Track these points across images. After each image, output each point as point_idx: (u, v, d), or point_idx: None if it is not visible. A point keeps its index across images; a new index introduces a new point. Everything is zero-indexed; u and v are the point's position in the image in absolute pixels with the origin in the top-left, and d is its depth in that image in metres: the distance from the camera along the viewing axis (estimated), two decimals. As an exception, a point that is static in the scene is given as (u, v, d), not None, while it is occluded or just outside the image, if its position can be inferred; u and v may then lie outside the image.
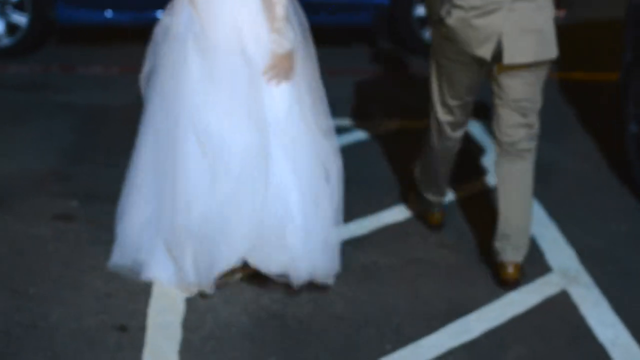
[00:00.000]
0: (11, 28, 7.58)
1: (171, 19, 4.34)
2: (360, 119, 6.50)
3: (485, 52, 4.16)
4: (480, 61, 4.24)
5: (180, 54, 4.26)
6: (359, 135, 6.21)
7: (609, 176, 5.74)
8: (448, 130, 4.64)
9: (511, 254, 4.44)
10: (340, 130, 6.21)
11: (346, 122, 6.41)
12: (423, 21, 7.85)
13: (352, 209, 5.10)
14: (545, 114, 6.67)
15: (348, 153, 5.85)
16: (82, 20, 7.65)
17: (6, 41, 7.56)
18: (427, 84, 4.70)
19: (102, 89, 6.89)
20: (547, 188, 5.51)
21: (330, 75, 7.41)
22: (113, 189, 5.22)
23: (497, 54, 4.16)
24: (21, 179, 5.41)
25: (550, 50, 4.21)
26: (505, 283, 4.46)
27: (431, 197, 4.96)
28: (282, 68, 4.25)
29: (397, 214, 5.13)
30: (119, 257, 4.48)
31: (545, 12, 4.17)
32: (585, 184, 5.66)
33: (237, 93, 4.22)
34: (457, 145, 4.73)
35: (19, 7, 7.52)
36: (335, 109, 6.60)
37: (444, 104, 4.60)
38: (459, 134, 4.68)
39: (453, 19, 4.18)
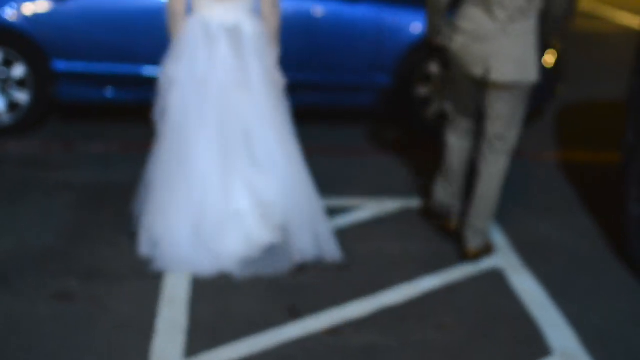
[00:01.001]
0: (12, 105, 7.62)
1: (174, 67, 5.24)
2: (362, 198, 6.51)
3: (477, 71, 5.24)
4: (474, 79, 5.32)
5: (182, 97, 5.21)
6: (361, 215, 6.21)
7: (609, 255, 5.74)
8: (456, 133, 5.74)
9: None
10: (341, 210, 6.24)
11: (348, 201, 6.42)
12: (425, 101, 7.90)
13: (352, 290, 5.09)
14: (547, 192, 6.74)
15: (349, 233, 5.87)
16: (83, 98, 7.70)
17: (7, 118, 7.60)
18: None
19: (103, 167, 6.90)
20: (546, 266, 5.50)
21: (331, 154, 7.49)
22: (113, 268, 5.23)
23: (486, 73, 5.23)
24: (20, 256, 5.39)
25: (528, 75, 5.20)
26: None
27: (445, 198, 5.86)
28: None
29: (397, 295, 5.11)
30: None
31: (527, 41, 5.18)
32: (585, 262, 5.64)
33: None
34: (468, 148, 5.74)
35: (21, 85, 7.58)
36: (337, 188, 6.68)
37: (454, 111, 5.69)
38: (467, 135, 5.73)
39: (457, 44, 5.30)
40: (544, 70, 7.97)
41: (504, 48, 5.18)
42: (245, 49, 5.29)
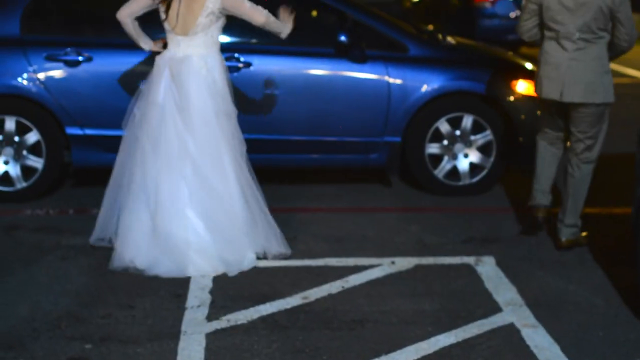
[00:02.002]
0: (27, 171, 7.69)
1: (149, 86, 6.24)
2: (376, 256, 6.52)
3: (555, 94, 6.48)
4: (554, 102, 6.55)
5: (159, 115, 6.15)
6: (375, 273, 6.22)
7: (624, 310, 5.71)
8: (544, 140, 6.89)
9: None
10: (355, 269, 6.25)
11: (361, 260, 6.44)
12: (435, 159, 7.93)
13: (366, 349, 5.09)
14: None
15: (363, 291, 5.88)
16: (96, 164, 7.77)
17: (22, 185, 7.66)
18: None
19: (116, 231, 6.94)
20: (561, 322, 5.48)
21: (344, 211, 7.52)
22: (127, 332, 5.24)
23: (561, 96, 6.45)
24: (35, 320, 5.41)
25: (596, 97, 6.37)
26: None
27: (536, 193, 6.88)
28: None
29: (412, 354, 5.09)
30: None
31: (595, 67, 6.37)
32: (599, 318, 5.61)
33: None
34: (555, 153, 6.84)
35: (34, 151, 7.65)
36: (350, 246, 6.69)
37: (543, 125, 6.87)
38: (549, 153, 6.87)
39: (541, 72, 6.60)
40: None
41: (574, 74, 6.38)
42: (190, 79, 6.13)
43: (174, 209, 6.14)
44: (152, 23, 6.47)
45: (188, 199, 6.16)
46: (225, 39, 7.63)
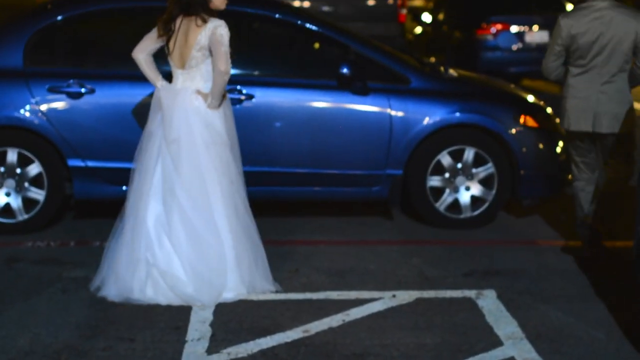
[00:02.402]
0: (28, 203, 7.70)
1: (149, 118, 6.35)
2: (377, 289, 6.51)
3: (587, 126, 6.97)
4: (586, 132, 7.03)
5: (153, 147, 6.24)
6: (376, 306, 6.21)
7: (625, 345, 5.70)
8: (581, 180, 7.33)
9: None
10: (356, 302, 6.24)
11: (362, 293, 6.42)
12: (437, 192, 7.93)
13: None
14: (560, 280, 6.72)
15: (364, 325, 5.87)
16: (97, 196, 7.77)
17: (23, 216, 7.67)
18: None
19: (117, 263, 6.93)
20: (560, 355, 5.47)
21: (345, 245, 7.52)
22: (128, 364, 5.23)
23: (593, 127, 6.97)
24: (35, 353, 5.40)
25: (616, 126, 6.89)
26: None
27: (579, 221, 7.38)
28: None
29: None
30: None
31: (621, 97, 6.92)
32: (600, 352, 5.59)
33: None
34: (591, 191, 7.28)
35: (36, 183, 7.66)
36: (352, 280, 6.69)
37: (576, 164, 7.32)
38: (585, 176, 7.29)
39: (571, 106, 7.00)
40: (556, 161, 8.04)
41: (603, 105, 6.90)
42: (180, 110, 6.18)
43: (155, 238, 6.18)
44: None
45: (169, 231, 6.19)
46: (227, 71, 7.67)
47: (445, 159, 7.90)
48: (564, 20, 6.97)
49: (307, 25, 7.99)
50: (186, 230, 6.15)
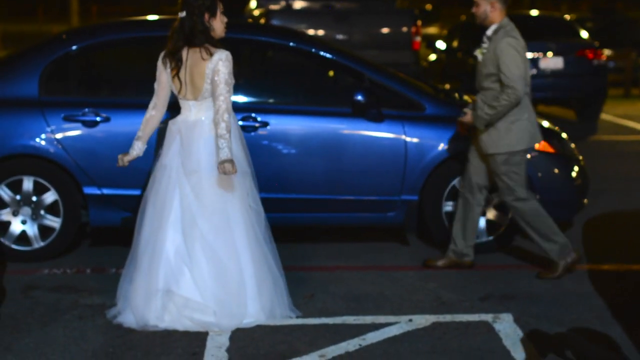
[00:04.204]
0: (44, 231, 7.72)
1: (162, 150, 6.37)
2: (394, 314, 6.50)
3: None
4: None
5: (167, 178, 6.24)
6: (393, 330, 6.19)
7: (644, 368, 5.68)
8: None
9: None
10: (373, 327, 6.22)
11: (379, 318, 6.41)
12: (452, 217, 7.93)
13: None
14: (576, 304, 6.70)
15: (380, 350, 5.85)
16: (113, 223, 7.79)
17: (39, 244, 7.69)
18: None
19: (133, 290, 6.93)
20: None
21: (361, 270, 7.51)
22: (144, 390, 5.22)
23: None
24: (52, 381, 5.41)
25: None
26: None
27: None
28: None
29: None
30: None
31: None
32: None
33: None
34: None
35: (52, 211, 7.69)
36: (368, 305, 6.67)
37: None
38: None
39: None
40: (571, 185, 8.03)
41: None
42: (201, 142, 6.18)
43: (176, 267, 6.18)
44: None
45: (189, 260, 6.18)
46: (242, 98, 7.70)
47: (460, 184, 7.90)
48: None
49: (322, 53, 8.02)
50: (208, 260, 6.15)
